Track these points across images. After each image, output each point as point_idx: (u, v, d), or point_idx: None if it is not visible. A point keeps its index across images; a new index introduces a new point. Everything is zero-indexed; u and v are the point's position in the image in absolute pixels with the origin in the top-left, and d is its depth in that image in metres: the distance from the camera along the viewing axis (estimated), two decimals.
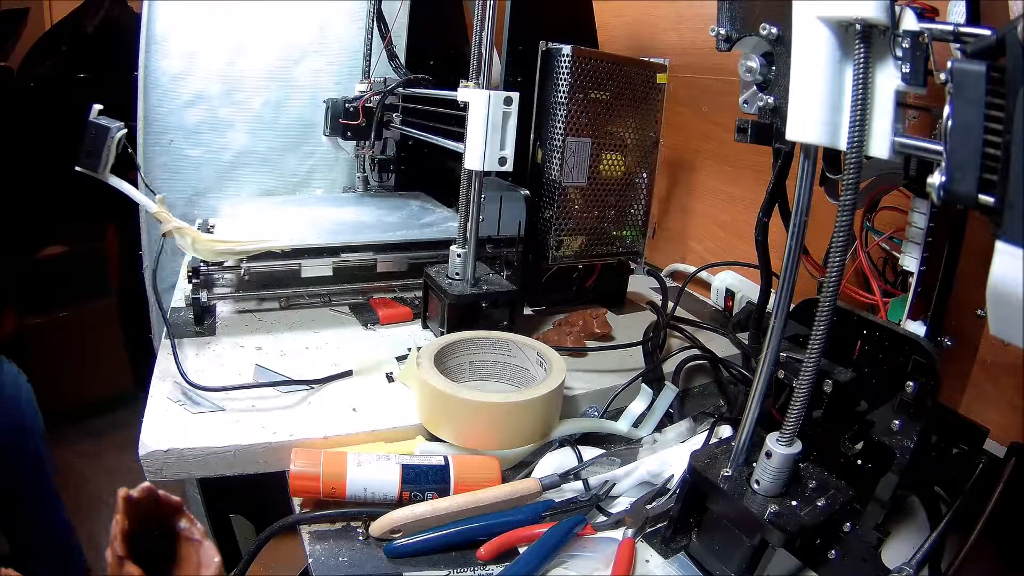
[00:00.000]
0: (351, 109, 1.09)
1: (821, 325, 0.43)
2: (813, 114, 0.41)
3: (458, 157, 0.76)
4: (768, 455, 0.47)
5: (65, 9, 1.88)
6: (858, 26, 0.39)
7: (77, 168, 0.90)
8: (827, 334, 0.44)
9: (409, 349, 0.72)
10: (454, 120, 0.82)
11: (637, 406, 0.70)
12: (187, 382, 0.65)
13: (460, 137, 0.75)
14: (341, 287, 0.92)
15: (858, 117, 0.39)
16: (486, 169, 0.72)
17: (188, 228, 0.82)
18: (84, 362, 1.95)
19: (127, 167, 1.42)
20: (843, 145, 0.41)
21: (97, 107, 0.92)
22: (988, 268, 0.34)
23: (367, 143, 1.14)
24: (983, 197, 0.35)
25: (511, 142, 0.72)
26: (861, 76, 0.39)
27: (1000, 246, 0.34)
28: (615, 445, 0.66)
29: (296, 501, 0.56)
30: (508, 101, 0.71)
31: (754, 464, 0.49)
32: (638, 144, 0.88)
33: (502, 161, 0.72)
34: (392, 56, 1.14)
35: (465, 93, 0.72)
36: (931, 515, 0.56)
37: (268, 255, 0.81)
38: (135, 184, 1.34)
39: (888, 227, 0.64)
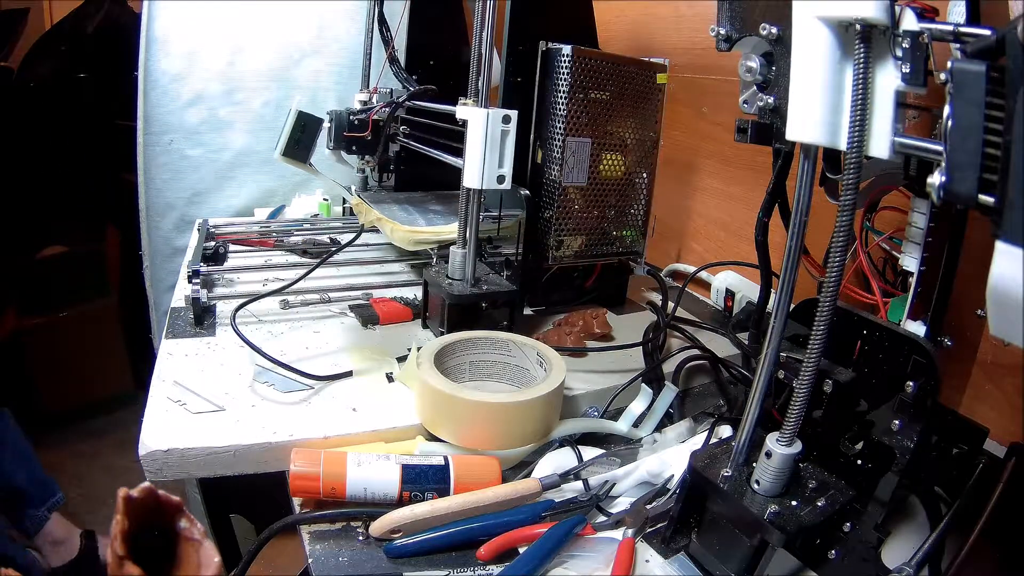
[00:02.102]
0: (356, 122, 1.05)
1: (821, 325, 0.43)
2: (813, 114, 0.41)
3: (458, 156, 0.76)
4: (768, 455, 0.47)
5: (65, 9, 1.89)
6: (858, 26, 0.39)
7: (281, 157, 0.93)
8: (827, 334, 0.44)
9: (409, 349, 0.72)
10: (455, 135, 0.82)
11: (637, 406, 0.70)
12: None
13: (461, 146, 0.75)
14: (341, 287, 0.92)
15: (858, 117, 0.39)
16: (484, 187, 0.72)
17: (387, 219, 0.84)
18: (84, 362, 1.95)
19: (123, 168, 1.42)
20: (843, 145, 0.41)
21: (298, 97, 0.96)
22: (988, 268, 0.34)
23: (373, 157, 1.11)
24: (983, 197, 0.35)
25: (509, 160, 0.72)
26: (861, 76, 0.39)
27: (1000, 246, 0.34)
28: (615, 445, 0.66)
29: (296, 501, 0.56)
30: (506, 119, 0.71)
31: (754, 464, 0.49)
32: (638, 144, 0.88)
33: (500, 179, 0.73)
34: (393, 60, 1.13)
35: (464, 111, 0.72)
36: (931, 515, 0.56)
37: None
38: (135, 185, 1.35)
39: (888, 227, 0.64)
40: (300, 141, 0.96)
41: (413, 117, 1.07)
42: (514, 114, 0.71)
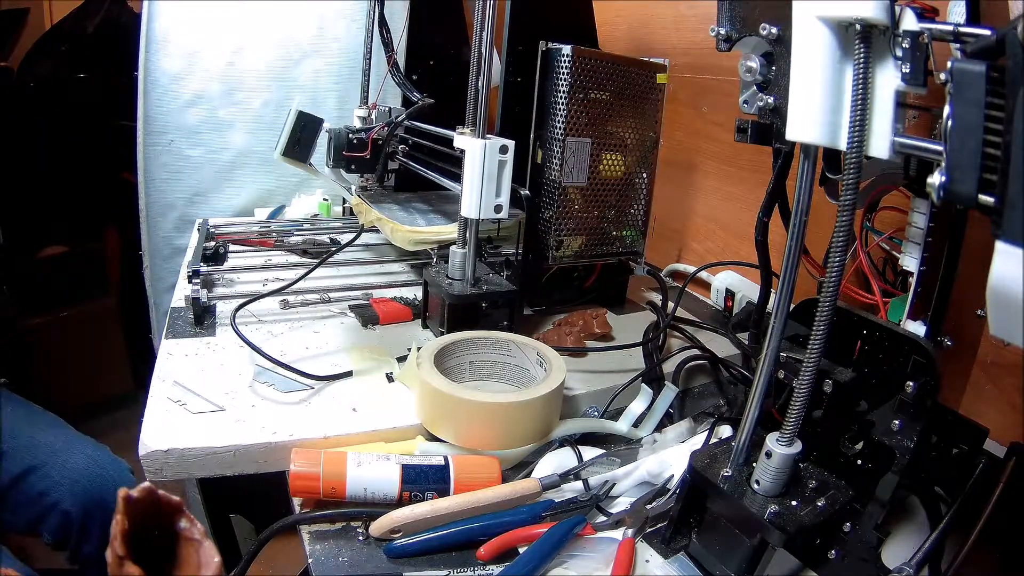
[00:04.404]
0: (355, 141, 1.04)
1: (821, 325, 0.43)
2: (813, 114, 0.41)
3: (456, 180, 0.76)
4: (768, 455, 0.47)
5: (65, 9, 1.88)
6: (858, 26, 0.39)
7: (281, 157, 0.93)
8: (827, 334, 0.44)
9: (409, 349, 0.72)
10: (454, 158, 0.82)
11: (637, 406, 0.70)
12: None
13: (459, 171, 0.76)
14: (341, 287, 0.92)
15: (858, 117, 0.39)
16: (482, 217, 0.73)
17: (387, 219, 0.84)
18: (84, 362, 1.95)
19: (123, 168, 1.42)
20: (843, 145, 0.41)
21: (298, 98, 0.96)
22: (988, 268, 0.34)
23: (372, 176, 1.10)
24: (983, 197, 0.35)
25: (506, 190, 0.73)
26: (861, 76, 0.39)
27: (1000, 246, 0.34)
28: (615, 445, 0.66)
29: (296, 501, 0.56)
30: (504, 150, 0.71)
31: (754, 464, 0.49)
32: (638, 144, 0.88)
33: (497, 209, 0.73)
34: (394, 65, 1.13)
35: (461, 141, 0.73)
36: (931, 515, 0.56)
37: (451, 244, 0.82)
38: (135, 185, 1.35)
39: (888, 227, 0.64)
40: (300, 141, 0.96)
41: (413, 137, 1.07)
42: (511, 144, 0.72)
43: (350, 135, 1.04)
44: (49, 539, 0.92)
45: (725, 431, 0.64)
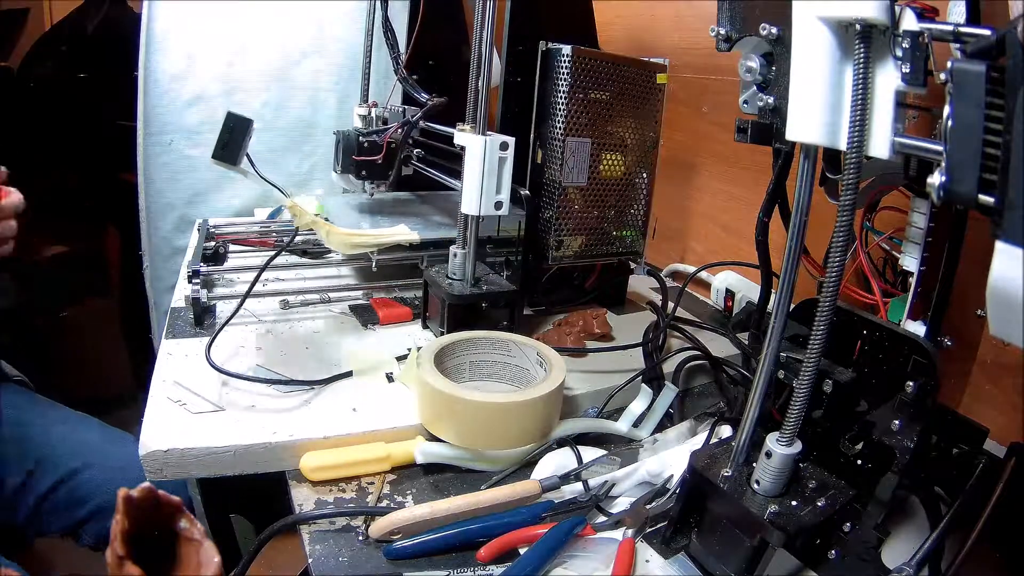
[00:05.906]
0: (366, 144, 0.95)
1: (821, 325, 0.43)
2: (813, 114, 0.41)
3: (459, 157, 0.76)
4: (768, 455, 0.47)
5: (65, 9, 1.88)
6: (858, 26, 0.39)
7: (212, 160, 0.90)
8: (827, 334, 0.44)
9: (409, 349, 0.72)
10: (458, 156, 0.80)
11: (637, 406, 0.70)
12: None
13: (458, 161, 0.76)
14: (341, 287, 0.92)
15: (858, 117, 0.39)
16: (483, 214, 0.73)
17: (322, 222, 0.84)
18: (84, 362, 1.95)
19: (122, 168, 1.41)
20: (843, 145, 0.41)
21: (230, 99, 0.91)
22: (988, 268, 0.34)
23: (384, 183, 1.01)
24: (983, 197, 0.35)
25: (507, 186, 0.73)
26: (861, 76, 0.39)
27: (1000, 246, 0.34)
28: (615, 445, 0.66)
29: (296, 501, 0.56)
30: (504, 146, 0.71)
31: (754, 464, 0.49)
32: (638, 144, 0.88)
33: (498, 205, 0.73)
34: (404, 68, 1.12)
35: (462, 137, 0.72)
36: (931, 515, 0.56)
37: (397, 248, 0.82)
38: (135, 185, 1.35)
39: (888, 227, 0.64)
40: (229, 143, 0.91)
41: (422, 139, 1.05)
42: (511, 140, 0.72)
43: (360, 137, 0.96)
44: (90, 541, 0.89)
45: (725, 431, 0.64)
